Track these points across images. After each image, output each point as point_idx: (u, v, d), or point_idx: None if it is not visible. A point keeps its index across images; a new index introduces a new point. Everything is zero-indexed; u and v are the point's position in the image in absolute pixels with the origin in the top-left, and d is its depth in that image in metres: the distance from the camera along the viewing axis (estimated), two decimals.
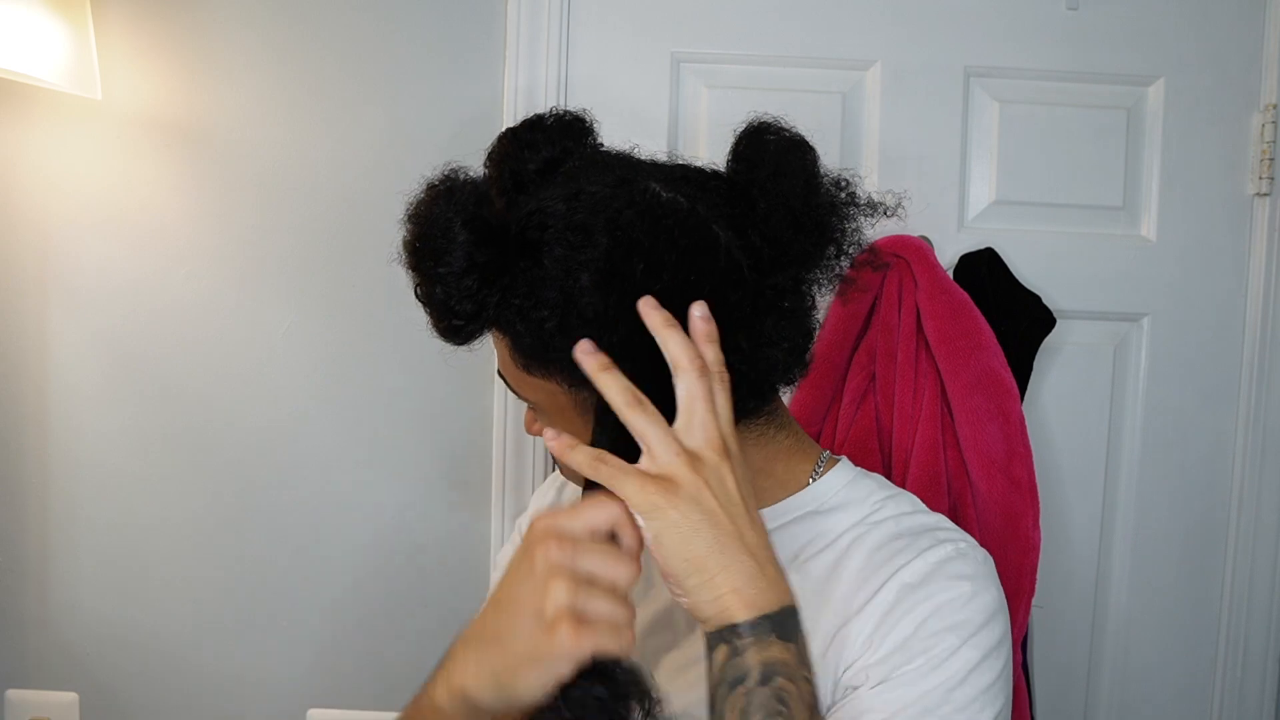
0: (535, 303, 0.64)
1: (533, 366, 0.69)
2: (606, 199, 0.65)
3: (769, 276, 0.68)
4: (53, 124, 1.27)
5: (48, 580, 1.32)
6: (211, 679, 1.33)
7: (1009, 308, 1.26)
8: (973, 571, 0.69)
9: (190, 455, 1.32)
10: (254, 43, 1.28)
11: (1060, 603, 1.34)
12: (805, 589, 0.69)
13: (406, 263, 0.69)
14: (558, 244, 0.63)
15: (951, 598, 0.66)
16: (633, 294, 0.63)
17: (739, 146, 0.72)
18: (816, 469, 0.76)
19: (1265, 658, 1.36)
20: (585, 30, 1.30)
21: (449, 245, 0.64)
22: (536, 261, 0.64)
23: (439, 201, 0.66)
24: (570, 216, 0.64)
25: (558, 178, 0.69)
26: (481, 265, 0.65)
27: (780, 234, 0.68)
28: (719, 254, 0.66)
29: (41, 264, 1.29)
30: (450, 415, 1.33)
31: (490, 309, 0.66)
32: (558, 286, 0.63)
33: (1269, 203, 1.32)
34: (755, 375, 0.68)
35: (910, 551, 0.69)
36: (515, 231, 0.65)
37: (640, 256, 0.63)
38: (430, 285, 0.67)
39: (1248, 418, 1.34)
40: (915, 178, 1.30)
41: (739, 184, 0.70)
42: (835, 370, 1.24)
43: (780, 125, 0.72)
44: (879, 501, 0.75)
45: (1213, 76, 1.32)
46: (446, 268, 0.65)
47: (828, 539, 0.72)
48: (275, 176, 1.29)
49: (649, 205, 0.65)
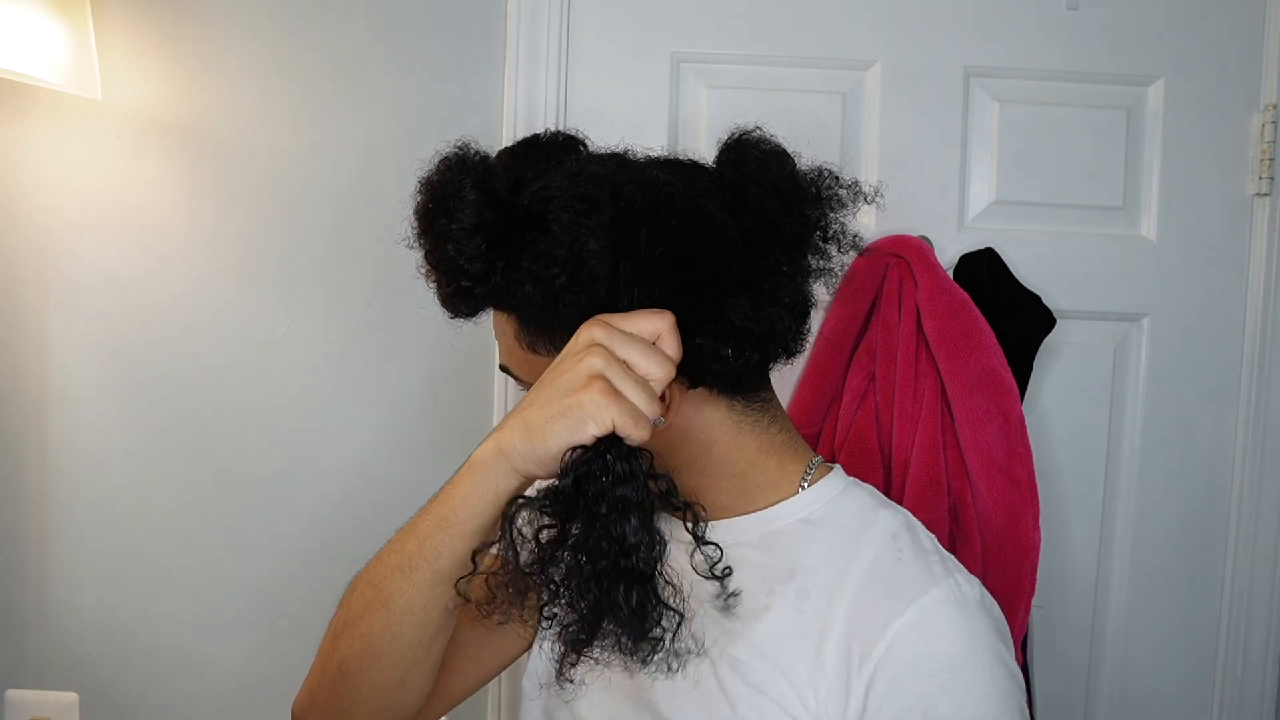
0: (545, 263, 0.67)
1: (538, 342, 0.72)
2: (608, 175, 0.69)
3: (764, 257, 0.72)
4: (53, 124, 1.27)
5: (48, 580, 1.32)
6: (212, 679, 1.33)
7: (1009, 308, 1.26)
8: (967, 621, 0.66)
9: (190, 455, 1.32)
10: (254, 45, 1.28)
11: (1060, 603, 1.34)
12: (804, 611, 0.70)
13: (417, 229, 0.72)
14: (564, 211, 0.66)
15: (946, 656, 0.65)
16: (639, 260, 0.66)
17: (724, 154, 0.78)
18: (807, 473, 0.76)
19: (1265, 658, 1.36)
20: (585, 31, 1.30)
21: (460, 204, 0.68)
22: (544, 230, 0.67)
23: (451, 169, 0.70)
24: (574, 189, 0.67)
25: (557, 168, 0.73)
26: (491, 225, 0.68)
27: (772, 215, 0.72)
28: (716, 223, 0.70)
29: (41, 264, 1.29)
30: (452, 415, 1.32)
31: (498, 273, 0.69)
32: (566, 246, 0.66)
33: (1269, 203, 1.32)
34: (760, 333, 0.70)
35: (908, 591, 0.67)
36: (522, 207, 0.69)
37: (643, 224, 0.66)
38: (441, 244, 0.69)
39: (1248, 418, 1.34)
40: (915, 178, 1.30)
41: (728, 177, 0.75)
42: (835, 370, 1.24)
43: (761, 135, 0.78)
44: (872, 512, 0.74)
45: (1213, 76, 1.32)
46: (458, 224, 0.68)
47: (822, 553, 0.72)
48: (275, 177, 1.29)
49: (648, 180, 0.69)
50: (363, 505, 1.33)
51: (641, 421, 0.61)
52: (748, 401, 0.75)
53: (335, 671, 0.73)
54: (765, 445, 0.76)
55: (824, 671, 0.67)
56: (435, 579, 0.68)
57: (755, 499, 0.75)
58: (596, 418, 0.61)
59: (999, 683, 0.65)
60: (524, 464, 0.64)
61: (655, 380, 0.63)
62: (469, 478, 0.67)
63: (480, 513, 0.66)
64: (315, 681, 0.77)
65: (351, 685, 0.72)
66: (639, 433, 0.61)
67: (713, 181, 0.75)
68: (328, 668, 0.74)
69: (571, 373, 0.62)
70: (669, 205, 0.68)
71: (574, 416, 0.61)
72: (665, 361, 0.63)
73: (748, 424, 0.75)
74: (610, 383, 0.61)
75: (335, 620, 0.75)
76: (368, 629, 0.71)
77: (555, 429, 0.62)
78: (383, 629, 0.70)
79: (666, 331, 0.64)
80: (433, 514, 0.68)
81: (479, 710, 1.35)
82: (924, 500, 1.15)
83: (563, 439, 0.62)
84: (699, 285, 0.68)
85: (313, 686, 0.77)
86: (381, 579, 0.70)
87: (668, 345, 0.64)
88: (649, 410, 0.62)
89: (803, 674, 0.68)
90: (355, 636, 0.71)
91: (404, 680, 0.72)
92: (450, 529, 0.67)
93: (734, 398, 0.74)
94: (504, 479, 0.65)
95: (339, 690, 0.74)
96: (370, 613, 0.70)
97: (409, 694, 0.74)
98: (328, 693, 0.75)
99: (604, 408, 0.60)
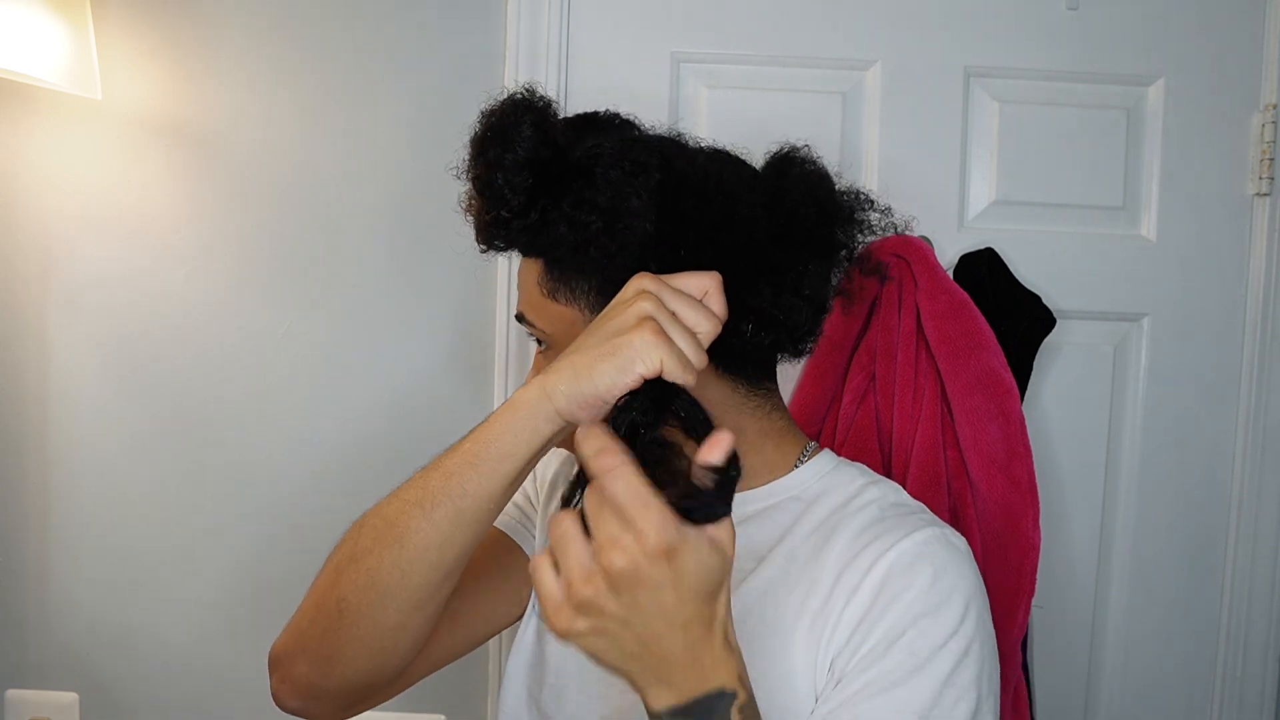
0: (585, 209, 0.69)
1: (560, 289, 0.73)
2: (658, 144, 0.73)
3: (793, 253, 0.74)
4: (53, 124, 1.27)
5: (48, 580, 1.32)
6: (212, 679, 1.33)
7: (1009, 308, 1.26)
8: (955, 560, 0.70)
9: (190, 455, 1.32)
10: (254, 45, 1.28)
11: (1060, 603, 1.34)
12: (791, 570, 0.73)
13: (470, 156, 0.74)
14: (614, 169, 0.69)
15: (932, 588, 0.68)
16: (681, 226, 0.69)
17: (771, 163, 0.80)
18: (803, 456, 0.79)
19: (1265, 658, 1.36)
20: (585, 31, 1.30)
21: (517, 136, 0.70)
22: (590, 181, 0.70)
23: (515, 104, 0.72)
24: (627, 152, 0.70)
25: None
26: (542, 163, 0.70)
27: (807, 221, 0.74)
28: (754, 212, 0.72)
29: (42, 263, 1.29)
30: (453, 416, 1.32)
31: (537, 210, 0.71)
32: (608, 197, 0.68)
33: (1269, 203, 1.32)
34: (778, 319, 0.72)
35: (898, 531, 0.71)
36: (575, 155, 0.71)
37: (689, 194, 0.69)
38: (490, 171, 0.71)
39: (1248, 418, 1.34)
40: (915, 177, 1.30)
41: (771, 180, 0.77)
42: (835, 370, 1.24)
43: (808, 154, 0.80)
44: (862, 485, 0.77)
45: (1213, 76, 1.32)
46: (512, 155, 0.70)
47: (813, 522, 0.75)
48: (274, 176, 1.29)
49: (698, 158, 0.74)
50: (366, 504, 1.32)
51: (689, 366, 0.61)
52: (751, 386, 0.77)
53: (333, 608, 0.70)
54: (764, 430, 0.78)
55: (812, 621, 0.70)
56: (456, 518, 0.66)
57: (750, 479, 0.77)
58: (645, 357, 0.60)
59: (969, 627, 0.67)
60: (567, 404, 0.62)
61: (703, 333, 0.63)
62: (508, 414, 0.65)
63: (513, 453, 0.65)
64: (306, 620, 0.73)
65: (350, 623, 0.70)
66: (686, 376, 0.60)
67: (755, 179, 0.77)
68: (324, 604, 0.71)
69: (621, 316, 0.62)
70: (715, 184, 0.71)
71: (623, 355, 0.60)
72: (712, 316, 0.63)
73: (749, 408, 0.77)
74: (660, 325, 0.61)
75: (338, 555, 0.72)
76: (376, 564, 0.68)
77: (603, 368, 0.61)
78: (392, 566, 0.68)
79: (714, 289, 0.64)
80: (463, 450, 0.67)
81: (478, 709, 1.35)
82: (924, 500, 1.13)
83: (610, 378, 0.60)
84: (730, 262, 0.69)
85: (301, 626, 0.74)
86: (397, 514, 0.68)
87: (714, 303, 0.64)
88: (696, 360, 0.61)
89: (788, 626, 0.70)
90: (360, 572, 0.69)
91: (404, 624, 0.70)
92: (480, 466, 0.65)
93: (738, 378, 0.76)
94: (544, 421, 0.64)
95: (335, 628, 0.70)
96: (381, 547, 0.68)
97: (405, 639, 0.71)
98: (321, 631, 0.71)
99: (654, 347, 0.59)
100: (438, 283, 1.31)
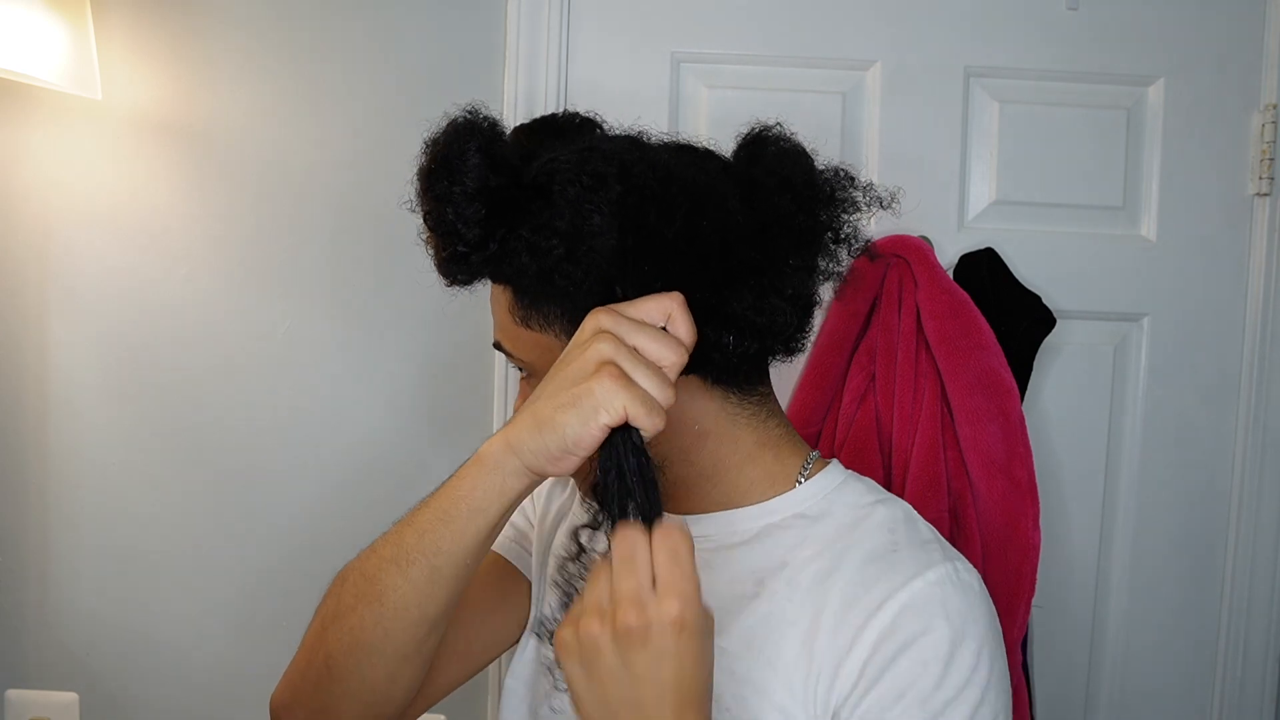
0: (545, 233, 0.64)
1: (531, 316, 0.70)
2: (618, 152, 0.67)
3: (771, 250, 0.70)
4: (53, 124, 1.27)
5: (48, 580, 1.32)
6: (212, 679, 1.33)
7: (1009, 308, 1.26)
8: (968, 603, 0.66)
9: (190, 455, 1.32)
10: (254, 44, 1.28)
11: (1060, 603, 1.34)
12: (793, 598, 0.69)
13: (419, 190, 0.69)
14: (571, 185, 0.64)
15: (944, 637, 0.64)
16: (646, 239, 0.64)
17: (742, 147, 0.75)
18: (804, 467, 0.74)
19: (1265, 658, 1.36)
20: (585, 31, 1.30)
21: (463, 166, 0.66)
22: (548, 202, 0.65)
23: (458, 131, 0.68)
24: (584, 164, 0.65)
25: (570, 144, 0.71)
26: (493, 191, 0.66)
27: (784, 210, 0.70)
28: (726, 210, 0.68)
29: (41, 263, 1.29)
30: (452, 415, 1.32)
31: (496, 240, 0.67)
32: (568, 218, 0.64)
33: (1269, 203, 1.32)
34: (761, 323, 0.68)
35: (908, 567, 0.67)
36: (529, 176, 0.67)
37: (652, 203, 0.64)
38: (440, 207, 0.67)
39: (1248, 418, 1.34)
40: (915, 177, 1.30)
41: (742, 169, 0.73)
42: (835, 370, 1.24)
43: (781, 132, 0.75)
44: (871, 505, 0.73)
45: (1213, 76, 1.32)
46: (459, 187, 0.65)
47: (817, 545, 0.70)
48: (275, 176, 1.29)
49: (660, 161, 0.67)
50: (365, 504, 1.33)
51: (655, 409, 0.58)
52: (744, 394, 0.73)
53: (321, 665, 0.70)
54: (761, 439, 0.74)
55: (813, 658, 0.66)
56: (433, 575, 0.65)
57: (750, 493, 0.73)
58: (608, 405, 0.57)
59: (982, 673, 0.64)
60: (534, 459, 0.61)
61: (668, 365, 0.60)
62: (475, 471, 0.64)
63: (484, 509, 0.63)
64: (298, 675, 0.73)
65: (338, 680, 0.69)
66: (652, 421, 0.58)
67: (725, 170, 0.73)
68: (313, 660, 0.71)
69: (579, 361, 0.59)
70: (680, 187, 0.66)
71: (584, 405, 0.58)
72: (677, 345, 0.61)
73: (744, 417, 0.73)
74: (621, 369, 0.58)
75: (323, 609, 0.72)
76: (358, 623, 0.67)
77: (565, 419, 0.58)
78: (374, 624, 0.67)
79: (677, 311, 0.61)
80: (434, 507, 0.65)
81: (478, 710, 1.35)
82: (924, 500, 1.15)
83: (574, 430, 0.58)
84: (704, 270, 0.66)
85: (295, 681, 0.74)
86: (375, 571, 0.67)
87: (679, 327, 0.61)
88: (663, 397, 0.59)
89: (789, 662, 0.67)
90: (344, 630, 0.68)
91: (393, 677, 0.69)
92: (451, 523, 0.64)
93: (729, 389, 0.72)
94: (512, 476, 0.62)
95: (324, 685, 0.70)
96: (362, 605, 0.67)
97: (397, 691, 0.71)
98: (313, 686, 0.72)
99: (615, 394, 0.57)
100: (440, 282, 1.31)
